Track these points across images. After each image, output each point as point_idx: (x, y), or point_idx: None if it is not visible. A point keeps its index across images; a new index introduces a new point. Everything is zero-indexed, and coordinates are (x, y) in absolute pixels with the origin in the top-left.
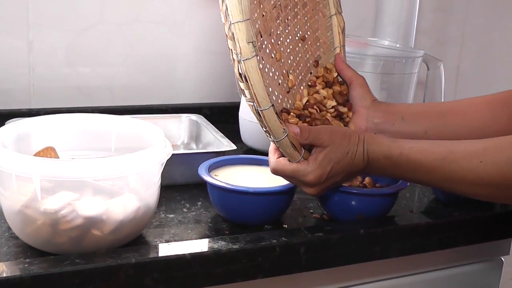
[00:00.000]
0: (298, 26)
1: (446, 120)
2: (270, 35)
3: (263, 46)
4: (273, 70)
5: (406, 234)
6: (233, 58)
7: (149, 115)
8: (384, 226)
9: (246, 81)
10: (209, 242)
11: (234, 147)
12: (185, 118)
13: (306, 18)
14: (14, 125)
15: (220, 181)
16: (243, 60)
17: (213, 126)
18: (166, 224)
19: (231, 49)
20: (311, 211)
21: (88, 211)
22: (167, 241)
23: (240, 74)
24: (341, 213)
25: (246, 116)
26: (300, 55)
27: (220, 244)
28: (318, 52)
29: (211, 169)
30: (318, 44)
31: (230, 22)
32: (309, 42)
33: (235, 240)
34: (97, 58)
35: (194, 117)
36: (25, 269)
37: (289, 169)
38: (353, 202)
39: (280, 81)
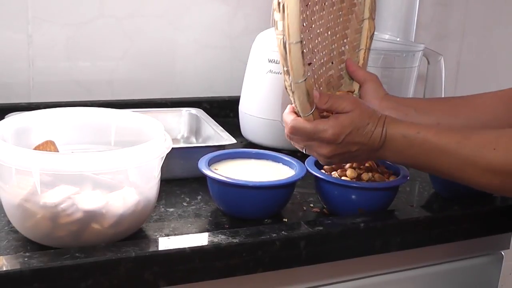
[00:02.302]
0: (332, 17)
1: (458, 112)
2: (307, 5)
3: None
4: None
5: (406, 228)
6: None
7: (149, 109)
8: (384, 220)
9: (283, 11)
10: (209, 236)
11: (234, 141)
12: (185, 112)
13: (340, 13)
14: (13, 119)
15: (220, 175)
16: None
17: (213, 120)
18: (166, 218)
19: None
20: (311, 205)
21: (88, 205)
22: (167, 235)
23: (279, 2)
24: (341, 207)
25: (246, 110)
26: (326, 42)
27: (220, 238)
28: (343, 48)
29: (211, 163)
30: (345, 41)
31: None
32: (337, 36)
33: (235, 234)
34: (97, 52)
35: (194, 111)
36: (25, 262)
37: (309, 126)
38: (353, 196)
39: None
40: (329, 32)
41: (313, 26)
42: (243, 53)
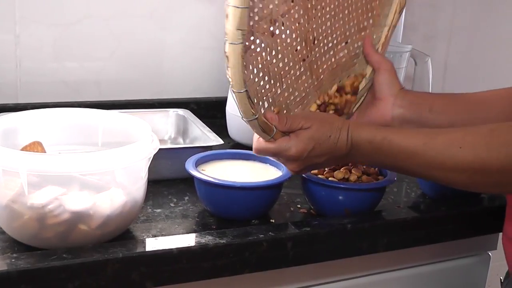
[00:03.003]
0: None
1: (472, 113)
2: None
3: (291, 11)
4: (293, 35)
5: (393, 229)
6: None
7: (136, 109)
8: (371, 221)
9: (227, 60)
10: (196, 236)
11: (221, 141)
12: (172, 113)
13: None
14: (0, 120)
15: (207, 176)
16: (228, 43)
17: (200, 121)
18: (153, 218)
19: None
20: (299, 205)
21: (75, 205)
22: (154, 236)
23: (225, 52)
24: (329, 207)
25: (233, 111)
26: (341, 22)
27: (207, 239)
28: (366, 24)
29: (198, 163)
30: (369, 15)
31: (227, 3)
32: (360, 11)
33: (222, 235)
34: (84, 52)
35: (181, 112)
36: (12, 264)
37: (272, 146)
38: (340, 197)
39: (298, 47)
40: (350, 8)
41: (322, 11)
42: None
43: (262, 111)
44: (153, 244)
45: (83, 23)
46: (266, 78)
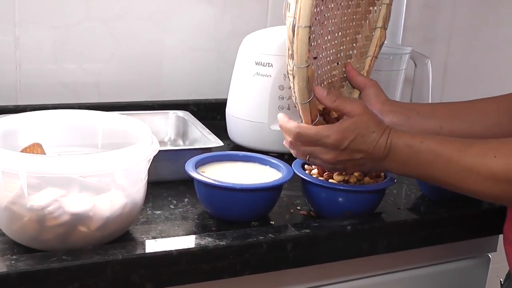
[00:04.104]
0: (345, 18)
1: (461, 117)
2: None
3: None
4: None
5: (393, 231)
6: None
7: (135, 111)
8: (371, 223)
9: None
10: (196, 238)
11: (221, 143)
12: (172, 115)
13: (354, 17)
14: (0, 122)
15: (207, 178)
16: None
17: (200, 123)
18: (153, 220)
19: None
20: (298, 207)
21: (74, 207)
22: (154, 238)
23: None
24: (328, 209)
25: (233, 112)
26: (335, 42)
27: (207, 241)
28: (351, 52)
29: (198, 165)
30: (354, 45)
31: None
32: (347, 38)
33: (222, 237)
34: (84, 54)
35: (181, 113)
36: (12, 265)
37: (313, 131)
38: (340, 199)
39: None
40: (340, 33)
41: (325, 22)
42: (230, 56)
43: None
44: (152, 246)
45: (82, 25)
46: None
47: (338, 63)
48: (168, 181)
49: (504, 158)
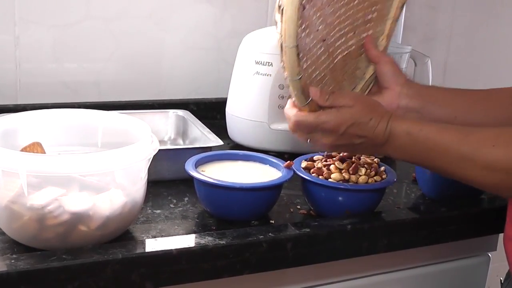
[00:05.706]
0: None
1: (476, 108)
2: None
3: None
4: (317, 14)
5: (393, 230)
6: None
7: (135, 110)
8: (371, 222)
9: (282, 14)
10: (196, 237)
11: (221, 142)
12: (172, 114)
13: None
14: (0, 121)
15: (207, 177)
16: None
17: (200, 122)
18: (153, 219)
19: None
20: (298, 206)
21: (74, 206)
22: (154, 237)
23: (279, 5)
24: (328, 208)
25: (233, 111)
26: (352, 11)
27: (207, 240)
28: (371, 16)
29: (198, 164)
30: (374, 8)
31: None
32: (366, 3)
33: (222, 236)
34: (84, 53)
35: (180, 112)
36: (12, 264)
37: (311, 118)
38: (340, 198)
39: (320, 27)
40: (355, 2)
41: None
42: (230, 55)
43: None
44: (152, 245)
45: (82, 24)
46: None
47: (355, 32)
48: (168, 180)
49: (503, 148)
